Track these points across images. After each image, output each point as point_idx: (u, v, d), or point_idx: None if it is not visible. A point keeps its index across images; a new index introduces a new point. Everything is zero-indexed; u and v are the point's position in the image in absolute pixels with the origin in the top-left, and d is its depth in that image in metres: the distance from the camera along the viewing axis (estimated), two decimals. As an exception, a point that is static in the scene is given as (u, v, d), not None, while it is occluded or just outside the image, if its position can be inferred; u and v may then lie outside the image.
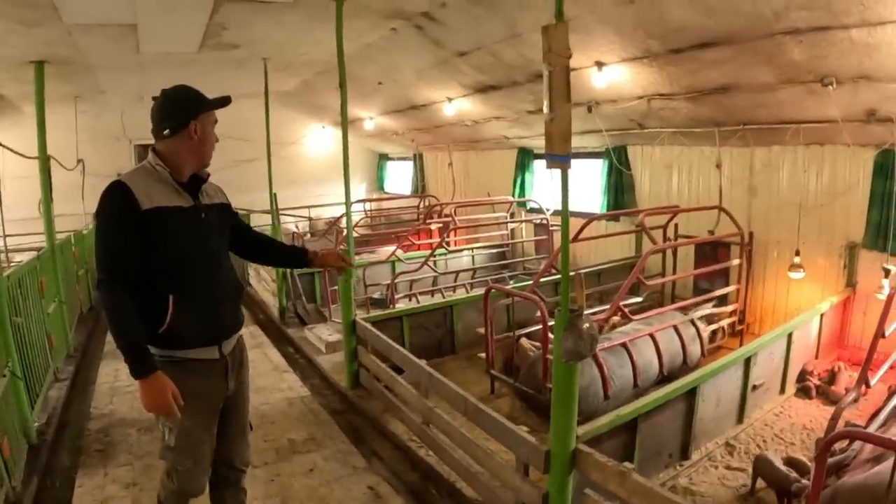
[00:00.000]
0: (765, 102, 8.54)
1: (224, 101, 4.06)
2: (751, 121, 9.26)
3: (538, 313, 8.99)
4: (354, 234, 15.50)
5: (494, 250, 14.82)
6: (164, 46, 10.16)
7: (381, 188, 22.87)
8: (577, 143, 12.75)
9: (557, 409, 4.64)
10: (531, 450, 4.90)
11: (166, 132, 3.92)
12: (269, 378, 9.32)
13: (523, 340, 8.51)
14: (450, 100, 12.81)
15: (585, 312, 4.40)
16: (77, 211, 13.87)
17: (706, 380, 6.67)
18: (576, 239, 8.93)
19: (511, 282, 12.60)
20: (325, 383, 9.19)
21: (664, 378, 8.09)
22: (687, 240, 10.43)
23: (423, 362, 6.77)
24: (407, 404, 7.19)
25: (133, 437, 7.21)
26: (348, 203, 8.64)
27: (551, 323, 5.66)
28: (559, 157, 4.18)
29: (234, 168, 18.27)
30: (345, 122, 8.15)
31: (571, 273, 4.49)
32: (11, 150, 8.50)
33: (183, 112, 3.95)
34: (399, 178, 22.33)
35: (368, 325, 8.17)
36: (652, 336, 8.11)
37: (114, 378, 9.36)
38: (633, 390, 7.70)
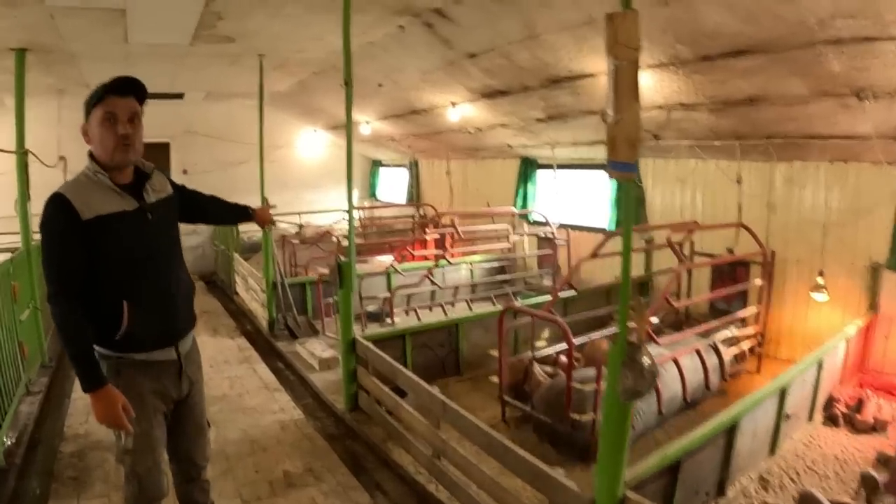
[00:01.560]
0: (793, 116, 8.04)
1: (111, 89, 3.68)
2: (775, 134, 8.76)
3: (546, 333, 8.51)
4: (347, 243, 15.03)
5: (495, 264, 14.15)
6: (154, 36, 9.57)
7: (374, 195, 22.23)
8: (585, 154, 12.45)
9: (606, 453, 4.16)
10: (571, 497, 4.35)
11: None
12: (258, 397, 8.67)
13: (535, 365, 7.91)
14: (454, 105, 12.18)
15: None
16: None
17: (747, 412, 6.14)
18: (594, 255, 8.38)
19: (518, 298, 12.05)
20: (320, 404, 8.55)
21: (686, 405, 7.71)
22: (711, 258, 9.93)
23: (435, 390, 6.12)
24: (412, 431, 6.62)
25: (110, 464, 6.52)
26: (351, 208, 7.94)
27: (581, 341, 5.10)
28: (624, 165, 3.65)
29: (222, 170, 17.99)
30: (349, 124, 7.50)
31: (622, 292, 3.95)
32: None
33: (85, 113, 3.77)
34: (392, 185, 21.67)
35: (371, 346, 7.54)
36: (675, 361, 7.56)
37: None
38: (656, 419, 7.23)
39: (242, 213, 5.09)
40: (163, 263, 4.02)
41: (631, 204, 4.01)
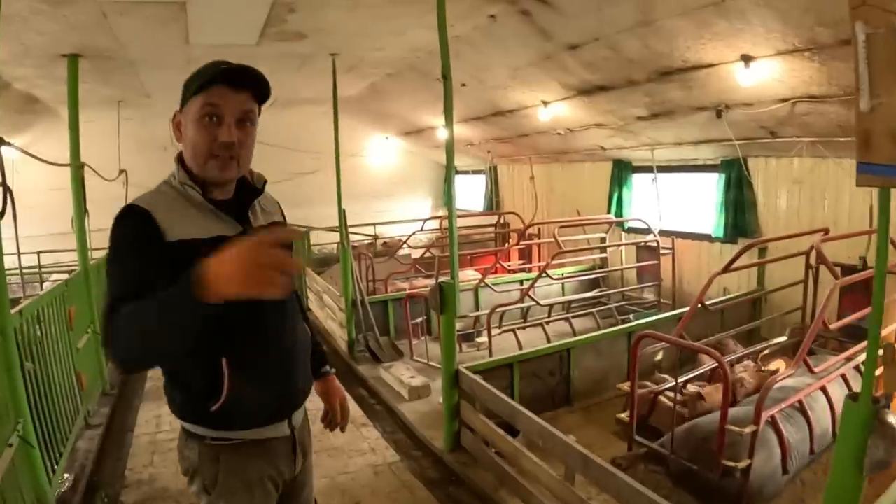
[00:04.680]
0: (938, 106, 6.92)
1: (220, 76, 2.56)
2: (912, 128, 7.62)
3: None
4: (425, 256, 14.14)
5: (591, 276, 12.95)
6: (218, 35, 8.82)
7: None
8: (689, 154, 11.34)
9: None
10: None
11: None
12: (344, 434, 7.60)
13: (662, 397, 6.91)
14: (545, 104, 11.17)
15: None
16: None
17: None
18: (727, 269, 7.39)
19: (631, 317, 11.02)
20: (414, 442, 7.58)
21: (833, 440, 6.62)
22: (853, 270, 8.78)
23: (571, 439, 5.10)
24: (528, 477, 5.66)
25: (179, 520, 5.69)
26: (452, 217, 7.16)
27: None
28: (884, 167, 2.69)
29: (291, 181, 17.28)
30: (450, 122, 6.85)
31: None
32: (34, 157, 7.20)
33: (182, 99, 2.68)
34: (467, 193, 20.61)
35: (478, 379, 6.57)
36: (824, 390, 6.54)
37: (155, 427, 7.93)
38: (808, 459, 6.22)
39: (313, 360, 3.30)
40: (275, 308, 2.78)
41: (886, 218, 2.99)
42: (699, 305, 7.23)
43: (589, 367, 8.34)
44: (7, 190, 5.22)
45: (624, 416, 6.80)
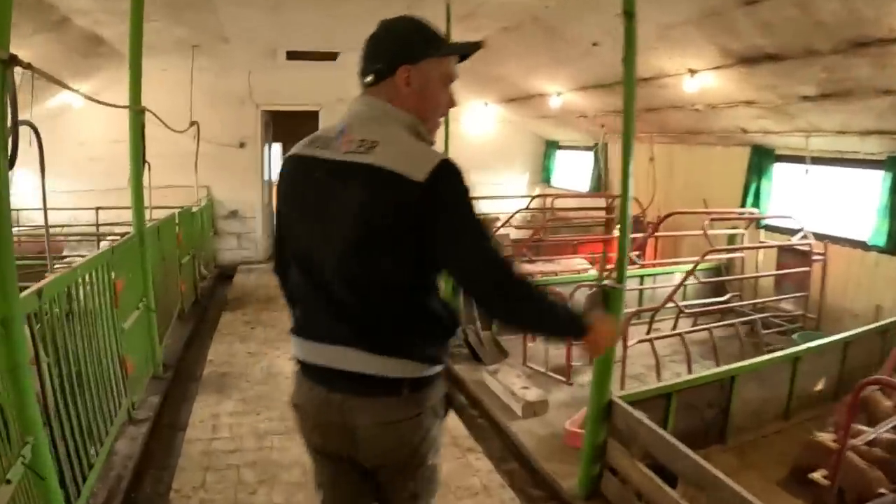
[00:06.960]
0: None
1: (470, 47, 2.95)
2: None
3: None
4: (521, 236, 12.83)
5: (716, 279, 11.20)
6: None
7: (548, 181, 19.43)
8: (852, 145, 9.56)
9: None
10: None
11: (369, 78, 2.76)
12: (448, 461, 5.95)
13: (851, 453, 5.32)
14: (692, 73, 9.44)
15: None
16: (190, 183, 12.32)
17: None
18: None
19: (794, 336, 9.25)
20: (533, 477, 5.99)
21: None
22: None
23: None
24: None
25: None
26: (627, 196, 5.33)
27: None
28: None
29: None
30: (630, 70, 5.46)
31: None
32: (88, 98, 6.25)
33: (394, 51, 2.73)
34: (569, 170, 18.84)
35: (644, 418, 5.06)
36: None
37: (211, 431, 6.70)
38: None
39: None
40: None
41: None
42: None
43: (749, 398, 6.86)
44: (34, 129, 3.94)
45: (819, 476, 5.34)
